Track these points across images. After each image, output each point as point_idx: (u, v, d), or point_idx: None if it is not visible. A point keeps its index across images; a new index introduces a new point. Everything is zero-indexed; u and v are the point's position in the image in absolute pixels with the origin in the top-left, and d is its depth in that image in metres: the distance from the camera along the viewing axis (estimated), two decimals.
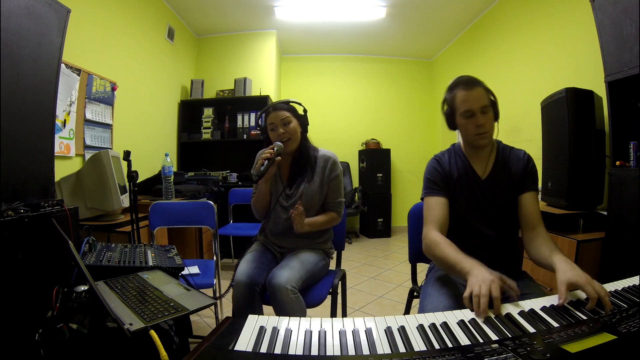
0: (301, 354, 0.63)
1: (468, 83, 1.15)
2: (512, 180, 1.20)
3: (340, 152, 5.07)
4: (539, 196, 2.24)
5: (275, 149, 1.41)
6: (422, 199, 1.26)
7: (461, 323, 0.73)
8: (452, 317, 0.75)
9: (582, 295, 0.81)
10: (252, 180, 1.44)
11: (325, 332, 0.69)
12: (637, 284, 0.87)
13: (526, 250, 1.17)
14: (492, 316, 0.76)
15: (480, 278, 0.84)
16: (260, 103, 4.00)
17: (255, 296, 1.35)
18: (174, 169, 3.52)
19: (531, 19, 3.00)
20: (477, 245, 1.19)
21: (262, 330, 0.70)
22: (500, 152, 1.23)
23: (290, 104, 1.55)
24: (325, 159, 1.55)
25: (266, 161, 1.38)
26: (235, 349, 0.64)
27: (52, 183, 1.51)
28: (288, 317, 0.76)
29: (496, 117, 1.17)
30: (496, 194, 1.19)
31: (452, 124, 1.22)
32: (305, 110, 1.59)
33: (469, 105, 1.13)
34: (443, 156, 1.27)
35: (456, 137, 4.63)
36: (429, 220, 1.18)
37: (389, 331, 0.69)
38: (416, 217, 1.52)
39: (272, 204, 1.56)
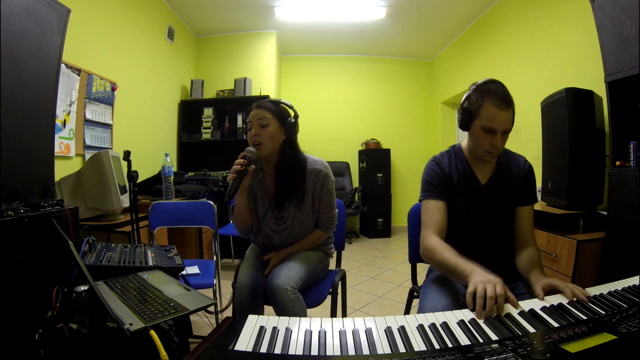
0: (301, 354, 0.63)
1: (503, 101, 1.06)
2: (512, 186, 1.20)
3: (340, 152, 5.09)
4: (539, 196, 2.25)
5: (246, 157, 1.28)
6: (420, 200, 1.25)
7: (461, 323, 0.73)
8: (452, 317, 0.75)
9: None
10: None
11: (325, 332, 0.69)
12: (637, 284, 0.87)
13: (515, 257, 1.20)
14: (492, 316, 0.76)
15: (485, 279, 0.85)
16: None
17: (258, 298, 1.34)
18: (174, 169, 3.52)
19: (531, 19, 3.00)
20: (475, 246, 1.19)
21: (262, 330, 0.70)
22: (501, 158, 1.22)
23: (281, 105, 1.40)
24: (315, 174, 1.40)
25: (236, 174, 1.26)
26: (235, 349, 0.64)
27: (52, 183, 1.51)
28: (288, 317, 0.76)
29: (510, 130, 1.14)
30: (495, 199, 1.19)
31: (465, 125, 1.16)
32: (296, 116, 1.40)
33: (495, 125, 1.07)
34: (442, 158, 1.25)
35: (456, 137, 4.61)
36: (427, 224, 1.16)
37: (389, 331, 0.69)
38: (416, 217, 1.52)
39: (258, 224, 1.47)
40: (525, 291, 1.09)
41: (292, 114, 1.41)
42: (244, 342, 0.66)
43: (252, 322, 0.73)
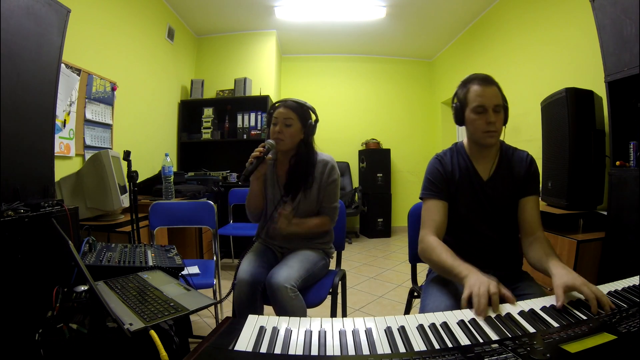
0: (301, 354, 0.63)
1: (484, 80, 1.13)
2: (515, 182, 1.19)
3: (340, 152, 5.08)
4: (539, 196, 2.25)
5: (266, 147, 1.38)
6: (420, 198, 1.25)
7: (461, 323, 0.73)
8: (452, 317, 0.75)
9: (580, 296, 0.81)
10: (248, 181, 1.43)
11: (325, 332, 0.69)
12: (637, 284, 0.87)
13: (524, 254, 1.17)
14: (492, 316, 0.76)
15: (479, 280, 0.85)
16: (260, 103, 4.00)
17: (258, 295, 1.34)
18: (174, 169, 3.52)
19: (531, 19, 3.00)
20: (478, 246, 1.19)
21: (262, 330, 0.70)
22: (503, 153, 1.22)
23: (305, 107, 1.51)
24: (323, 164, 1.52)
25: (255, 160, 1.36)
26: (235, 349, 0.64)
27: (52, 183, 1.51)
28: (288, 317, 0.76)
29: (505, 120, 1.16)
30: (498, 196, 1.19)
31: (460, 119, 1.19)
32: (317, 121, 1.54)
33: (483, 100, 1.10)
34: (445, 155, 1.25)
35: (456, 137, 4.63)
36: (427, 224, 1.16)
37: (389, 331, 0.69)
38: (416, 217, 1.52)
39: (269, 211, 1.54)
40: (527, 292, 1.08)
41: (314, 118, 1.54)
42: (244, 342, 0.66)
43: (252, 322, 0.73)
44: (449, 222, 1.19)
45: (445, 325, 0.71)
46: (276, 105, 1.49)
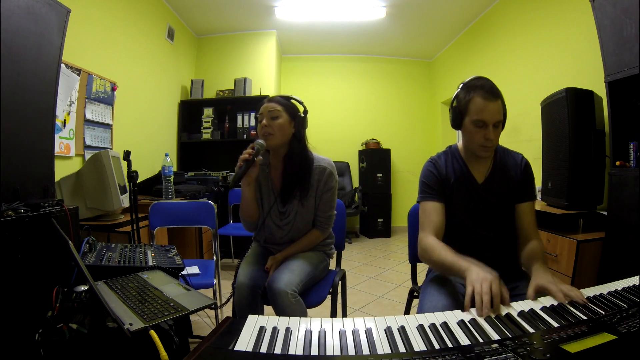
0: (301, 354, 0.63)
1: (490, 92, 1.08)
2: (510, 185, 1.19)
3: (340, 152, 5.08)
4: (539, 196, 2.25)
5: (255, 148, 1.29)
6: (418, 202, 1.25)
7: (461, 323, 0.73)
8: (452, 317, 0.75)
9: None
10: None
11: (325, 332, 0.69)
12: (637, 284, 0.87)
13: (519, 255, 1.18)
14: (492, 316, 0.76)
15: (481, 276, 0.85)
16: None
17: (258, 298, 1.34)
18: (174, 169, 3.52)
19: (531, 19, 3.00)
20: (475, 246, 1.18)
21: (262, 330, 0.70)
22: (497, 156, 1.22)
23: (291, 100, 1.43)
24: (320, 170, 1.42)
25: (244, 163, 1.28)
26: (235, 349, 0.64)
27: (52, 183, 1.51)
28: (288, 317, 0.76)
29: (503, 127, 1.15)
30: (493, 199, 1.19)
31: (457, 124, 1.17)
32: (305, 112, 1.44)
33: (485, 116, 1.07)
34: (439, 159, 1.25)
35: (456, 137, 4.62)
36: (425, 225, 1.17)
37: (389, 331, 0.69)
38: (416, 217, 1.50)
39: (264, 218, 1.48)
40: (526, 291, 1.08)
41: (302, 109, 1.44)
42: (244, 342, 0.66)
43: (252, 322, 0.73)
44: (446, 225, 1.19)
45: (445, 325, 0.72)
46: (261, 104, 1.42)
